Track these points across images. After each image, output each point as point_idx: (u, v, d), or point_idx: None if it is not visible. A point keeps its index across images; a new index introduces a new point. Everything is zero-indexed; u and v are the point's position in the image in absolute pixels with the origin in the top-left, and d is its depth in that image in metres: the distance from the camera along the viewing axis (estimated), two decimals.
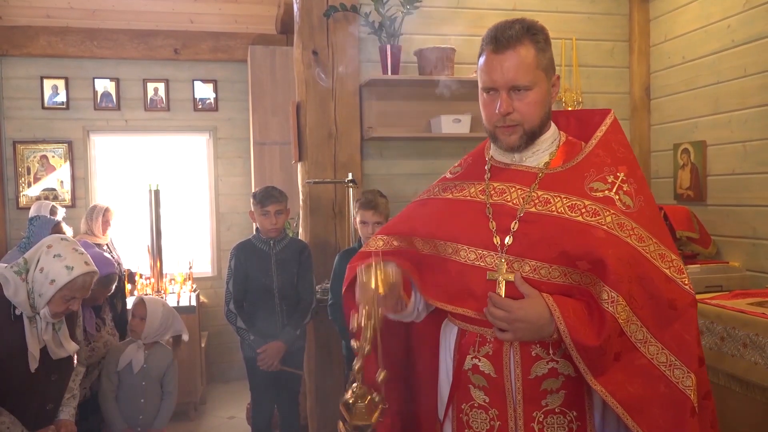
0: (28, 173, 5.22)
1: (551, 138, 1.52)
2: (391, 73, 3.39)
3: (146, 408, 2.85)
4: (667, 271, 1.38)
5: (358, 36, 3.49)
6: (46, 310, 2.19)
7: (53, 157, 5.27)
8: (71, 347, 2.33)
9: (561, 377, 1.40)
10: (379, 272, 1.37)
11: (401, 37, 3.43)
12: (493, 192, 1.50)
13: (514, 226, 1.43)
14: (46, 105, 5.23)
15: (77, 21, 5.22)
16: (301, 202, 3.60)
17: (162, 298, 4.50)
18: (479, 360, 1.46)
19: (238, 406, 4.76)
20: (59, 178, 5.28)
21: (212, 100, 5.53)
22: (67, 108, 5.28)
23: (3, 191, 5.13)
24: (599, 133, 1.50)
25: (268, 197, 3.16)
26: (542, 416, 1.41)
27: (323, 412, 3.44)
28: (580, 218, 1.39)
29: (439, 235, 1.53)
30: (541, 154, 1.50)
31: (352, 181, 3.31)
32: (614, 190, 1.41)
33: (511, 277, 1.40)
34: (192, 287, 4.99)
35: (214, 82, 5.53)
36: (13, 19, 5.15)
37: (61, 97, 5.27)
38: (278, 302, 3.14)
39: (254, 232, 3.31)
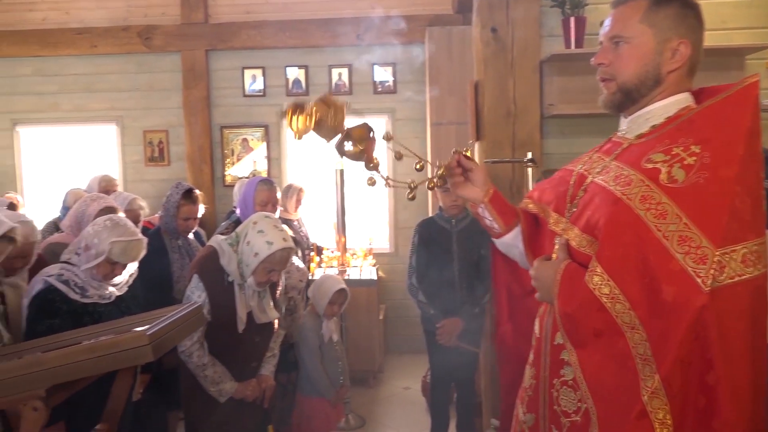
0: (232, 154, 5.85)
1: (663, 110, 1.40)
2: (575, 47, 3.23)
3: (343, 368, 3.19)
4: (678, 256, 1.19)
5: (539, 9, 3.36)
6: (252, 279, 2.45)
7: (252, 139, 5.85)
8: (273, 314, 2.59)
9: None
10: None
11: (586, 8, 3.24)
12: (587, 162, 1.53)
13: (580, 194, 1.46)
14: (246, 93, 5.81)
15: (272, 14, 5.70)
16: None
17: (346, 271, 4.82)
18: (536, 321, 1.54)
19: (413, 377, 4.94)
20: (256, 159, 5.85)
21: (391, 83, 5.72)
22: (264, 95, 5.80)
23: (212, 171, 5.82)
24: (708, 102, 1.35)
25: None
26: (560, 385, 1.40)
27: (497, 392, 3.44)
28: (613, 188, 1.34)
29: (543, 199, 1.61)
30: (643, 125, 1.42)
31: (531, 160, 3.22)
32: (670, 163, 1.28)
33: (563, 242, 1.45)
34: (372, 262, 5.25)
35: (393, 65, 5.70)
36: (219, 17, 5.77)
37: (259, 85, 5.81)
38: (458, 279, 3.20)
39: (438, 211, 3.39)
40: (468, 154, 1.64)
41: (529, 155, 3.25)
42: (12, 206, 4.31)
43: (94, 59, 5.85)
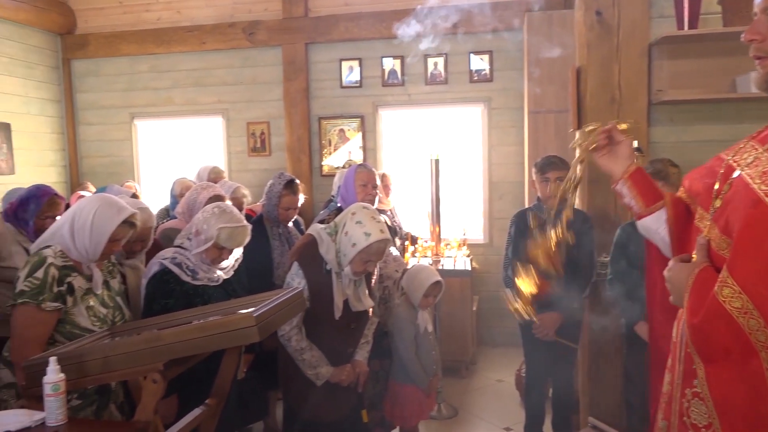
0: (329, 145, 6.00)
1: None
2: (688, 28, 3.03)
3: (435, 358, 3.18)
4: None
5: None
6: (349, 268, 2.51)
7: (348, 130, 5.96)
8: (368, 302, 2.64)
9: None
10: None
11: None
12: (739, 151, 1.36)
13: (726, 189, 1.31)
14: (343, 84, 5.92)
15: (369, 6, 5.77)
16: (578, 172, 3.46)
17: (440, 261, 4.82)
18: (675, 324, 1.44)
19: (506, 370, 4.88)
20: (351, 149, 5.96)
21: (487, 71, 5.63)
22: (360, 86, 5.89)
23: (310, 161, 5.99)
24: None
25: (549, 164, 3.15)
26: (691, 396, 1.28)
27: (596, 389, 3.33)
28: (756, 186, 1.19)
29: (692, 190, 1.51)
30: None
31: (637, 149, 3.07)
32: None
33: (702, 242, 1.33)
34: (466, 252, 5.22)
35: (490, 53, 5.60)
36: (318, 11, 5.91)
37: (355, 76, 5.90)
38: (556, 272, 3.11)
39: (535, 201, 3.31)
40: (624, 127, 1.60)
41: (635, 144, 3.10)
42: (133, 195, 4.66)
43: (203, 55, 6.19)
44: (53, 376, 1.72)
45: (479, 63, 5.66)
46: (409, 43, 5.73)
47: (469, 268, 4.92)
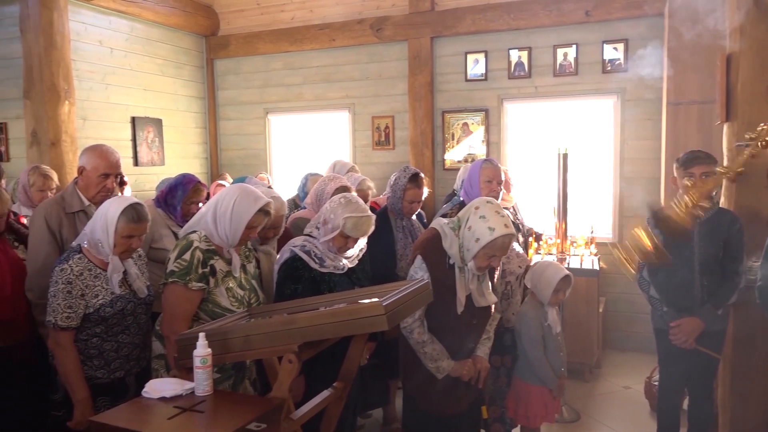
0: (453, 138, 5.98)
1: None
2: None
3: (563, 359, 3.10)
4: None
5: None
6: (472, 263, 2.49)
7: (472, 123, 5.90)
8: (491, 298, 2.61)
9: None
10: None
11: None
12: None
13: None
14: (468, 77, 5.87)
15: None
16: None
17: (566, 260, 4.66)
18: None
19: (634, 377, 4.62)
20: (472, 143, 5.89)
21: (621, 61, 5.32)
22: (485, 79, 5.81)
23: (433, 154, 6.01)
24: None
25: (694, 159, 2.94)
26: None
27: (739, 405, 3.06)
28: None
29: None
30: None
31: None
32: None
33: None
34: (594, 251, 4.99)
35: (625, 41, 5.29)
36: (444, 4, 5.90)
37: (480, 69, 5.83)
38: (698, 276, 2.90)
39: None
40: None
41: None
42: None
43: (332, 52, 6.41)
44: (202, 350, 1.87)
45: (612, 52, 5.36)
46: (537, 33, 5.57)
47: (597, 268, 4.70)
